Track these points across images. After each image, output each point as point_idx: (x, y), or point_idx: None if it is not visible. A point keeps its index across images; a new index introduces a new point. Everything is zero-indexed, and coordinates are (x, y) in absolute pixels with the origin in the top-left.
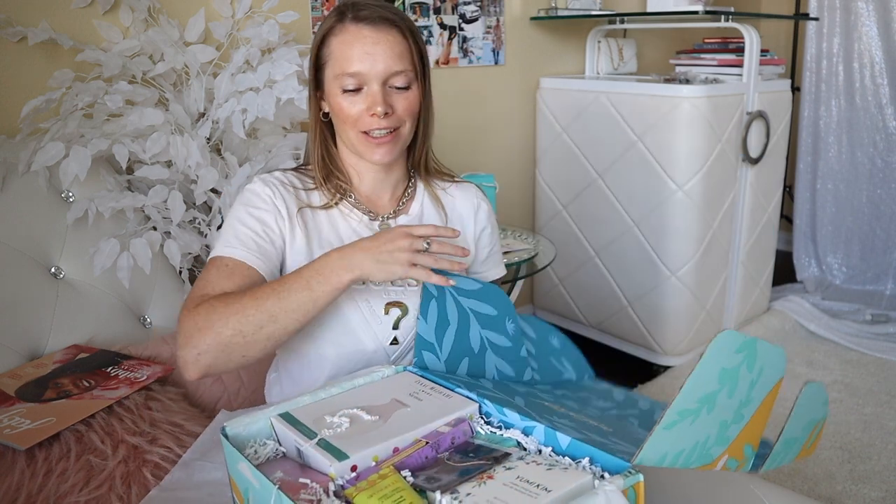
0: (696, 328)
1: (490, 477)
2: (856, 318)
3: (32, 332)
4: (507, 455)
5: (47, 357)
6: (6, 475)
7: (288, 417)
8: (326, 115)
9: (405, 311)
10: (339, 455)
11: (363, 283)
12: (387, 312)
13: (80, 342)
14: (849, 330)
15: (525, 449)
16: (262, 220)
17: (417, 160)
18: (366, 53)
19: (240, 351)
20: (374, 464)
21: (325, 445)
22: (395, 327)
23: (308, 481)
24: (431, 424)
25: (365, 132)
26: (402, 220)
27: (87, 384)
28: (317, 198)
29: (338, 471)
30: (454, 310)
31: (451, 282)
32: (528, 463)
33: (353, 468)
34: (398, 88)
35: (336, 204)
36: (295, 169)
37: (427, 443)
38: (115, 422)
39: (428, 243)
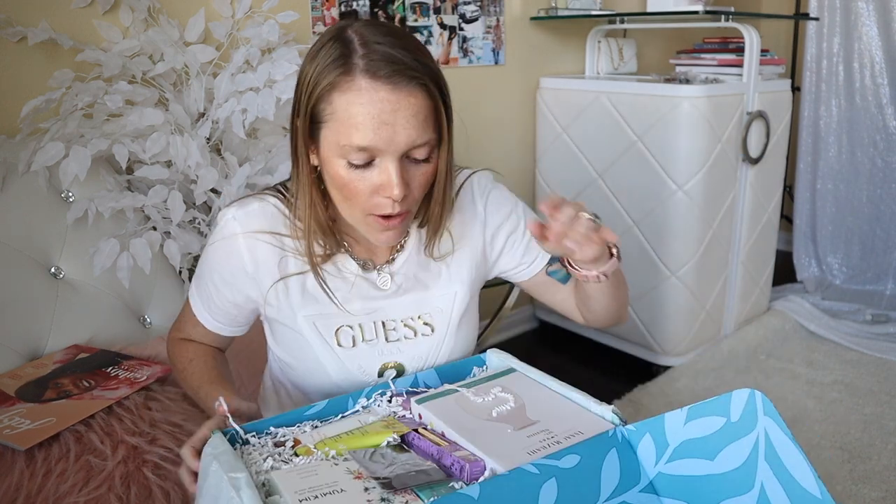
0: (696, 328)
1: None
2: (856, 318)
3: (32, 333)
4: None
5: (47, 357)
6: (5, 475)
7: (510, 370)
8: (317, 167)
9: (401, 371)
10: (421, 401)
11: (353, 344)
12: (381, 374)
13: (80, 342)
14: (849, 330)
15: None
16: (230, 293)
17: (434, 231)
18: (382, 123)
19: None
20: (426, 426)
21: (442, 392)
22: None
23: (400, 404)
24: (483, 452)
25: (374, 214)
26: (399, 260)
27: (87, 384)
28: (303, 246)
29: (414, 408)
30: None
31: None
32: None
33: (420, 416)
34: (416, 161)
35: (331, 257)
36: (279, 193)
37: (444, 444)
38: (115, 422)
39: None
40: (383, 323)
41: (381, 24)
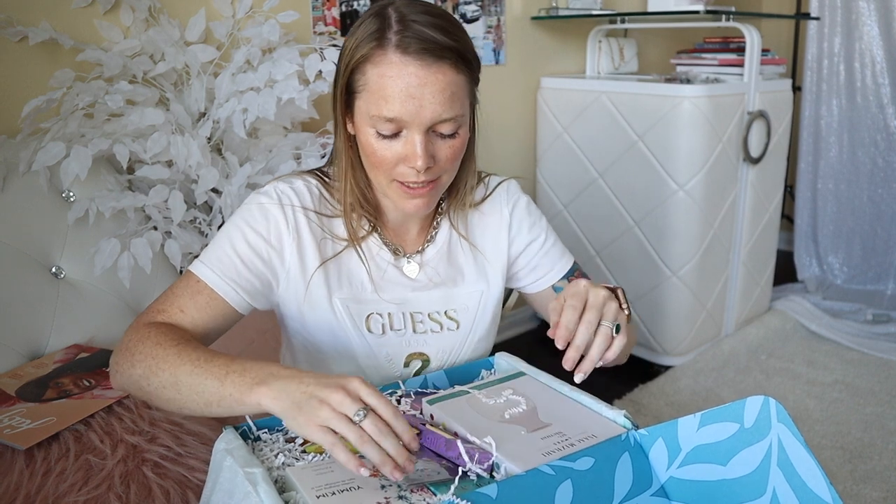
0: (696, 328)
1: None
2: (857, 318)
3: (33, 332)
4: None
5: (48, 357)
6: (5, 475)
7: (520, 373)
8: (354, 136)
9: (427, 363)
10: (433, 402)
11: (382, 332)
12: (407, 365)
13: (81, 342)
14: (850, 330)
15: None
16: (256, 250)
17: (454, 205)
18: (409, 96)
19: (142, 395)
20: (434, 422)
21: (453, 393)
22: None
23: (409, 404)
24: (498, 452)
25: (398, 181)
26: (430, 251)
27: (87, 384)
28: (341, 228)
29: (426, 409)
30: None
31: (396, 475)
32: None
33: (432, 416)
34: (443, 136)
35: (363, 238)
36: (319, 175)
37: (453, 437)
38: (115, 421)
39: (364, 413)
40: (412, 315)
41: (421, 4)
